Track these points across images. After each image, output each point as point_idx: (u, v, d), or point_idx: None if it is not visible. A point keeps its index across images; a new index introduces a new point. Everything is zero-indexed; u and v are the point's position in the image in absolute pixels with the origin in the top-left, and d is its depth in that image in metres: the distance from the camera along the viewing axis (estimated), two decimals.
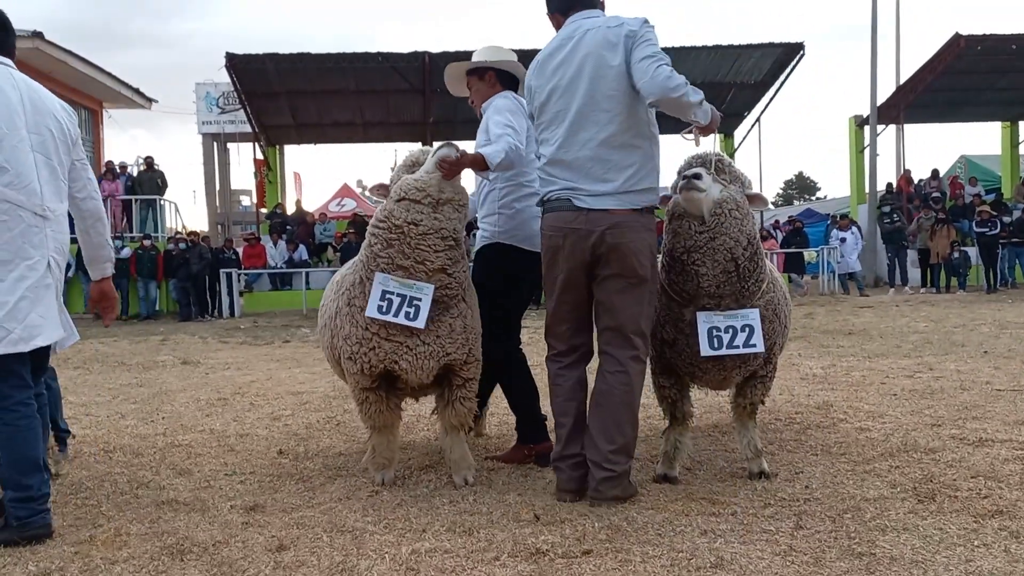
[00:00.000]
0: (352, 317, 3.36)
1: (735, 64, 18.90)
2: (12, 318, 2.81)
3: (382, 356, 3.30)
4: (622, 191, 3.17)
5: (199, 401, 5.99)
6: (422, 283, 3.24)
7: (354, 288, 3.39)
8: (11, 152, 2.84)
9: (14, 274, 2.82)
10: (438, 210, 3.26)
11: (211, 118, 29.93)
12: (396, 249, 3.25)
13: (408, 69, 18.09)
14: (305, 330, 13.00)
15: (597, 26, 3.19)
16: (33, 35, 16.03)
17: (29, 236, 2.87)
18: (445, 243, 3.27)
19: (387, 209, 3.30)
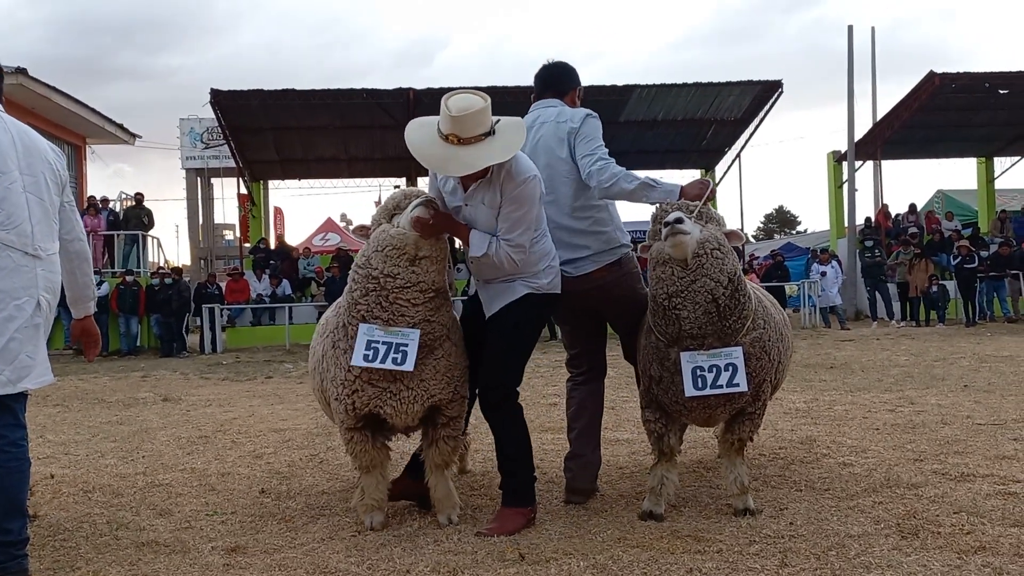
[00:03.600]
0: (337, 359, 3.35)
1: (715, 101, 19.21)
2: (2, 359, 2.79)
3: (366, 400, 3.29)
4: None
5: (180, 439, 5.92)
6: (408, 329, 3.22)
7: (338, 331, 3.38)
8: (3, 193, 2.85)
9: (3, 315, 2.81)
10: (416, 264, 3.22)
11: (195, 153, 30.06)
12: (374, 300, 3.23)
13: (393, 105, 18.23)
14: (288, 366, 12.91)
15: (550, 120, 3.66)
16: (16, 71, 16.01)
17: (18, 276, 2.86)
18: (425, 296, 3.24)
19: (366, 255, 3.29)
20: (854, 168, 20.27)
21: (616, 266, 3.71)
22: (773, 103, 19.00)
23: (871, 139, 20.88)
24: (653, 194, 3.50)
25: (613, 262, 3.70)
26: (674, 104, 19.08)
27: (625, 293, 3.75)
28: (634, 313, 3.72)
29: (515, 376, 3.49)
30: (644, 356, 3.50)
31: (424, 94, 18.01)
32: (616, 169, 3.50)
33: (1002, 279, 17.14)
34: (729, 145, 20.95)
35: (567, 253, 3.63)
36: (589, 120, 3.64)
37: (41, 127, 18.58)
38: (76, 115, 18.62)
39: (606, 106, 19.01)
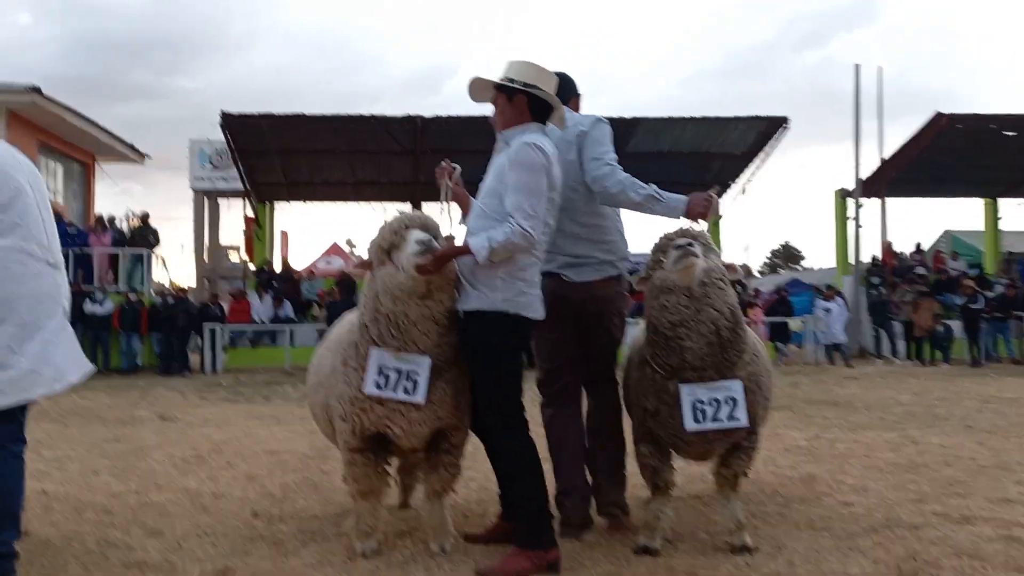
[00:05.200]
0: (346, 377, 3.31)
1: (721, 135, 19.31)
2: (43, 361, 2.87)
3: (375, 420, 3.25)
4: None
5: (174, 458, 5.88)
6: (418, 356, 3.18)
7: (349, 348, 3.34)
8: (23, 209, 2.91)
9: (36, 319, 2.88)
10: (427, 300, 3.18)
11: (203, 174, 30.14)
12: (384, 328, 3.20)
13: (400, 132, 18.37)
14: (288, 388, 12.84)
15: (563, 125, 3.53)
16: (31, 90, 16.19)
17: (45, 283, 2.94)
18: (437, 326, 3.20)
19: (373, 292, 3.23)
20: (860, 205, 20.29)
21: (616, 281, 3.70)
22: (779, 138, 19.10)
23: (878, 177, 20.92)
24: (659, 207, 3.42)
25: (615, 276, 3.68)
26: (680, 137, 19.19)
27: (616, 312, 3.74)
28: (612, 337, 3.77)
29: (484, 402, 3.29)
30: (638, 389, 3.46)
31: (432, 122, 18.16)
32: (623, 176, 3.44)
33: (1007, 320, 17.08)
34: (734, 179, 21.02)
35: (571, 258, 3.59)
36: (600, 124, 3.57)
37: (52, 144, 18.77)
38: (87, 133, 18.77)
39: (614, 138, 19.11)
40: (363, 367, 3.24)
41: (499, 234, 3.12)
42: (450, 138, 19.03)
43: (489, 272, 3.19)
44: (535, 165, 3.18)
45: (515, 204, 3.14)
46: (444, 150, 19.29)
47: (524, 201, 3.13)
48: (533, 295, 3.28)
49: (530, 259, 3.26)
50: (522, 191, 3.15)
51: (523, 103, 3.33)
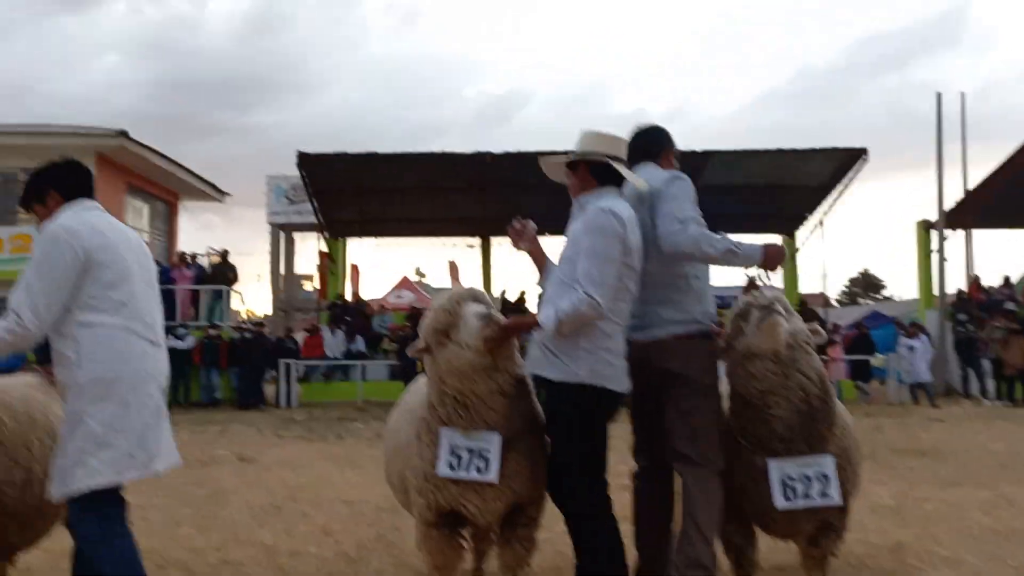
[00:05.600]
0: (421, 453, 3.30)
1: (796, 168, 18.91)
2: (140, 444, 2.94)
3: (449, 498, 3.23)
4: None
5: (253, 507, 5.98)
6: (488, 433, 3.16)
7: (422, 423, 3.35)
8: (131, 289, 3.01)
9: (136, 402, 2.95)
10: (493, 373, 3.14)
11: (280, 208, 31.12)
12: (451, 408, 3.17)
13: (470, 168, 18.58)
14: (359, 425, 13.02)
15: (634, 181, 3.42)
16: (119, 134, 17.02)
17: (146, 362, 3.01)
18: (505, 398, 3.17)
19: (437, 373, 3.20)
20: (944, 238, 19.56)
21: (687, 341, 3.35)
22: (857, 171, 18.60)
23: (962, 208, 20.17)
24: (736, 260, 3.29)
25: (684, 335, 3.35)
26: (754, 170, 18.88)
27: (690, 376, 3.32)
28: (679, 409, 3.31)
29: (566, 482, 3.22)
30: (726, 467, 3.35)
31: (501, 158, 18.31)
32: (695, 231, 3.24)
33: None
34: (811, 211, 20.52)
35: (638, 318, 3.38)
36: (675, 181, 3.39)
37: (139, 185, 19.63)
38: (171, 174, 19.61)
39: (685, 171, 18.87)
40: (435, 444, 3.23)
41: (566, 304, 3.09)
42: (518, 174, 19.15)
43: (571, 342, 3.16)
44: (607, 230, 3.16)
45: (584, 271, 3.12)
46: (512, 185, 19.55)
47: (593, 268, 3.11)
48: (618, 366, 3.23)
49: (612, 327, 3.21)
50: (593, 257, 3.13)
51: (585, 171, 3.38)
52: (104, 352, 2.91)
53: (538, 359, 3.28)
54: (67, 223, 2.99)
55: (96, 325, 2.92)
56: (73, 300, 2.92)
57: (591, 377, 3.15)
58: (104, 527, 2.92)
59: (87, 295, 2.92)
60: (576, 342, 3.15)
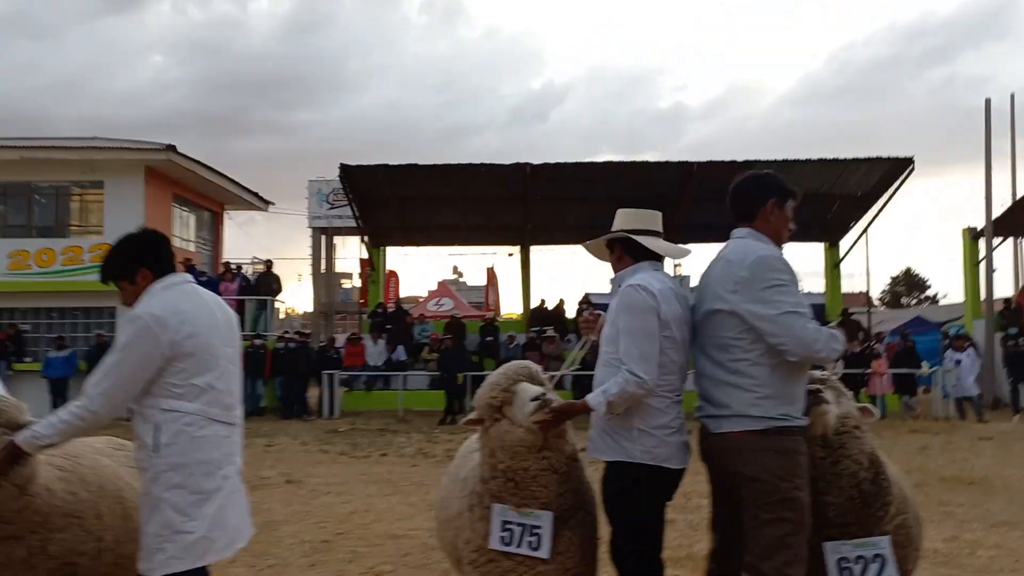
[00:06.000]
0: (473, 526, 3.35)
1: (840, 177, 18.66)
2: (217, 527, 3.01)
3: (501, 571, 3.26)
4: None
5: (303, 544, 6.10)
6: (540, 512, 3.20)
7: (473, 496, 3.39)
8: (218, 373, 3.07)
9: (214, 484, 3.02)
10: (544, 451, 3.17)
11: (321, 213, 31.60)
12: (503, 485, 3.21)
13: (511, 179, 18.65)
14: (401, 439, 13.20)
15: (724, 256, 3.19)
16: (166, 148, 17.40)
17: (223, 446, 3.07)
18: (557, 475, 3.20)
19: (489, 449, 3.23)
20: (992, 247, 19.15)
21: (759, 437, 3.03)
22: (903, 180, 18.29)
23: (1012, 215, 19.72)
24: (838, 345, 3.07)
25: (757, 431, 3.03)
26: (797, 179, 18.43)
27: (761, 475, 2.99)
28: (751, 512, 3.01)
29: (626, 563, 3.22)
30: None
31: (540, 168, 18.34)
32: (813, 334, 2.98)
33: None
34: (855, 220, 20.22)
35: (710, 407, 3.17)
36: (760, 263, 3.04)
37: (185, 196, 20.03)
38: (216, 184, 19.96)
39: (724, 180, 18.70)
40: (487, 518, 3.28)
41: (614, 385, 3.10)
42: (558, 185, 19.20)
43: (625, 422, 3.18)
44: (639, 306, 3.16)
45: (625, 350, 3.13)
46: (552, 196, 19.57)
47: (633, 345, 3.11)
48: (673, 443, 3.19)
49: (663, 402, 3.20)
50: (631, 335, 3.13)
51: (619, 249, 3.45)
52: (182, 440, 2.98)
53: (595, 441, 3.32)
54: (156, 311, 3.01)
55: (176, 412, 2.99)
56: (155, 386, 2.99)
57: (645, 456, 3.16)
58: None
59: (170, 383, 2.99)
60: (630, 422, 3.18)
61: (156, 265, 3.15)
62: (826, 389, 3.22)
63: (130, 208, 17.51)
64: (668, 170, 18.65)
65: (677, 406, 3.26)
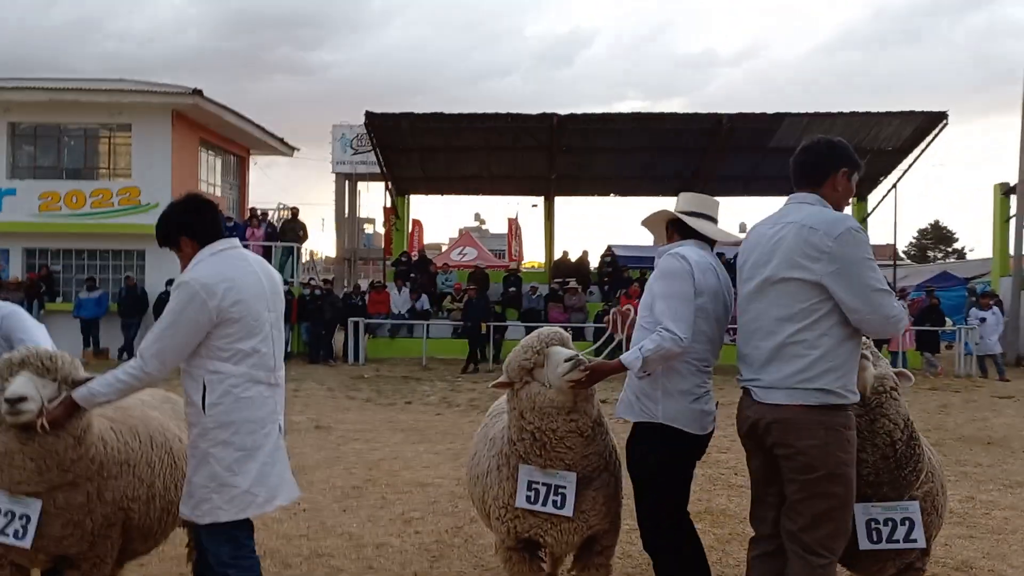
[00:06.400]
0: (501, 484, 3.50)
1: (873, 130, 18.37)
2: (259, 483, 3.16)
3: (527, 528, 3.43)
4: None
5: (335, 489, 6.33)
6: (565, 472, 3.33)
7: (502, 457, 3.54)
8: (262, 336, 3.20)
9: (257, 442, 3.17)
10: (572, 413, 3.28)
11: (344, 158, 31.62)
12: (530, 446, 3.32)
13: (537, 129, 18.54)
14: (425, 387, 13.45)
15: (796, 221, 3.02)
16: (193, 92, 17.41)
17: (266, 406, 3.21)
18: (582, 438, 3.32)
19: (520, 410, 3.33)
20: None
21: (813, 411, 2.93)
22: (936, 135, 17.98)
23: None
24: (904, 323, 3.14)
25: (811, 405, 2.93)
26: (828, 132, 18.33)
27: (809, 449, 2.92)
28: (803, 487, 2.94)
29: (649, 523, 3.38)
30: None
31: (567, 119, 18.20)
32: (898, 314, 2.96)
33: None
34: (885, 174, 19.94)
35: (761, 376, 3.05)
36: (850, 236, 2.92)
37: (213, 141, 20.10)
38: (242, 130, 20.00)
39: (755, 134, 18.59)
40: (514, 477, 3.42)
41: (649, 343, 3.18)
42: (585, 135, 19.06)
43: (652, 386, 3.30)
44: (676, 272, 3.27)
45: (661, 310, 3.23)
46: (578, 148, 19.45)
47: (668, 307, 3.22)
48: (695, 409, 3.30)
49: (689, 369, 3.31)
50: (667, 297, 3.24)
51: (672, 230, 3.60)
52: (227, 400, 3.13)
53: (623, 403, 3.45)
54: (204, 278, 3.13)
55: (222, 373, 3.14)
56: (203, 348, 3.14)
57: (668, 419, 3.27)
58: (234, 550, 3.19)
59: (216, 346, 3.13)
60: (655, 385, 3.30)
61: (198, 232, 3.26)
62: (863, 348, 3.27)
63: (158, 151, 17.64)
64: (697, 121, 18.45)
65: (702, 375, 3.35)
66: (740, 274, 3.23)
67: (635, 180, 20.74)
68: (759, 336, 3.07)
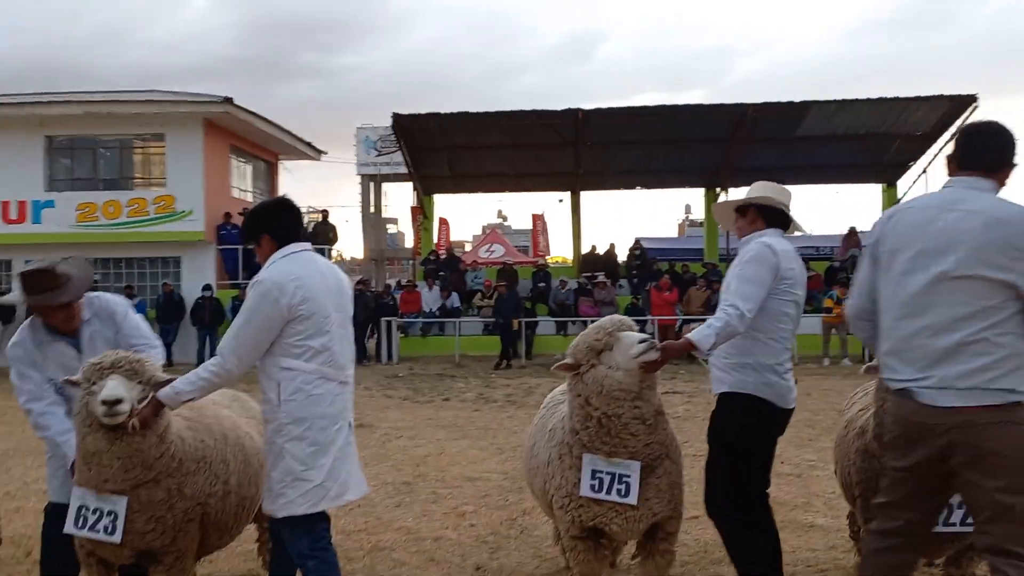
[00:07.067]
0: (563, 473, 3.57)
1: (901, 116, 18.23)
2: (331, 477, 3.29)
3: (592, 516, 3.50)
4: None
5: (386, 485, 6.45)
6: (629, 461, 3.40)
7: (563, 447, 3.61)
8: (328, 335, 3.31)
9: (329, 438, 3.30)
10: (637, 400, 3.36)
11: (369, 160, 31.90)
12: (595, 433, 3.39)
13: (563, 125, 18.60)
14: (460, 384, 13.58)
15: (982, 211, 2.75)
16: (224, 100, 17.66)
17: (337, 403, 3.34)
18: (645, 426, 3.38)
19: (584, 396, 3.39)
20: None
21: (1002, 410, 2.68)
22: (967, 119, 17.77)
23: None
24: None
25: (998, 405, 2.68)
26: (855, 120, 18.31)
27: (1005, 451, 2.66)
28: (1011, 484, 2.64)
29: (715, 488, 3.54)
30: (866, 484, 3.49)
31: (593, 114, 18.25)
32: None
33: None
34: (914, 160, 19.76)
35: (927, 371, 2.76)
36: None
37: (241, 147, 20.37)
38: (271, 136, 20.26)
39: (780, 124, 18.52)
40: (577, 466, 3.50)
41: (717, 320, 3.35)
42: (610, 129, 19.09)
43: (739, 361, 3.49)
44: (760, 259, 3.46)
45: (734, 289, 3.43)
46: (605, 142, 19.48)
47: (741, 286, 3.41)
48: (782, 385, 3.51)
49: (776, 347, 3.51)
50: (743, 279, 3.45)
51: (755, 213, 3.70)
52: (300, 397, 3.26)
53: (715, 379, 3.62)
54: (277, 277, 3.28)
55: (295, 370, 3.27)
56: (276, 346, 3.28)
57: (756, 389, 3.46)
58: (312, 542, 3.32)
59: (289, 344, 3.26)
60: (744, 358, 3.48)
61: (278, 232, 3.40)
62: None
63: (190, 160, 17.91)
64: (722, 112, 18.41)
65: (787, 352, 3.57)
66: (888, 259, 2.90)
67: (661, 173, 20.72)
68: (927, 334, 2.77)
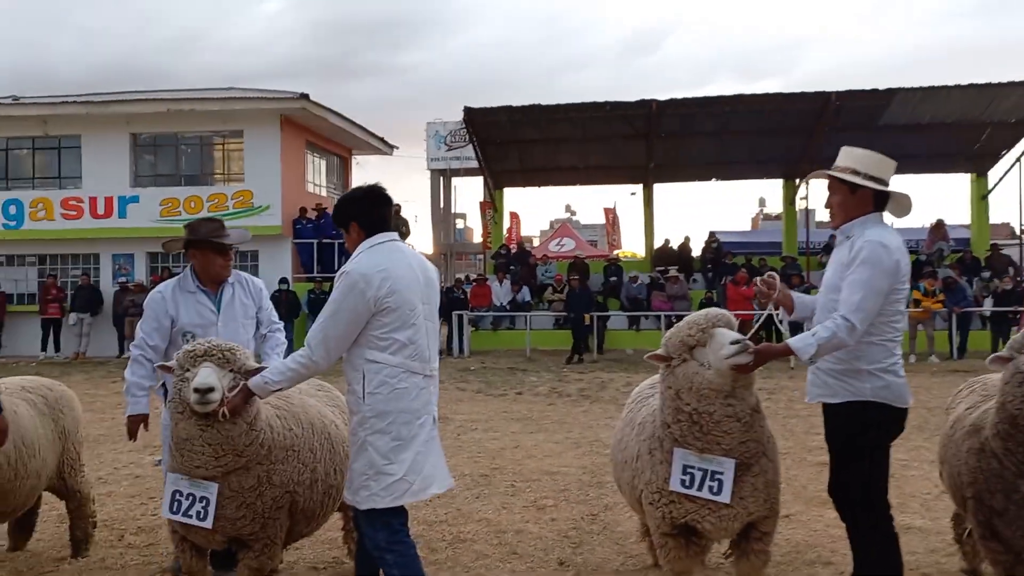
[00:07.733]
0: (654, 468, 3.46)
1: (992, 102, 17.38)
2: (413, 471, 3.25)
3: (683, 512, 3.39)
4: None
5: (465, 477, 6.42)
6: (722, 458, 3.27)
7: (654, 440, 3.50)
8: (414, 328, 3.27)
9: (412, 432, 3.26)
10: (730, 398, 3.22)
11: (439, 155, 32.16)
12: (687, 428, 3.27)
13: (635, 116, 18.34)
14: (532, 378, 13.53)
15: None
16: (300, 97, 17.99)
17: (421, 397, 3.29)
18: (740, 424, 3.25)
19: (675, 389, 3.30)
20: None
21: None
22: None
23: None
24: None
25: None
26: (942, 107, 17.53)
27: None
28: None
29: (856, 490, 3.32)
30: (980, 484, 3.29)
31: (666, 105, 17.94)
32: None
33: None
34: (1007, 148, 18.83)
35: None
36: None
37: (316, 143, 20.72)
38: (345, 131, 20.54)
39: (863, 111, 17.87)
40: (668, 461, 3.38)
41: (824, 331, 3.15)
42: (684, 120, 18.74)
43: (851, 365, 3.26)
44: (884, 267, 3.20)
45: (847, 297, 3.19)
46: (679, 133, 19.14)
47: (856, 295, 3.16)
48: (900, 383, 3.30)
49: (891, 346, 3.29)
50: (859, 287, 3.18)
51: (868, 196, 3.35)
52: (384, 391, 3.23)
53: (817, 386, 3.39)
54: (364, 268, 3.23)
55: (380, 363, 3.23)
56: (362, 337, 3.24)
57: (875, 395, 3.24)
58: (390, 536, 3.29)
59: (374, 336, 3.23)
60: (857, 364, 3.25)
61: (366, 220, 3.36)
62: None
63: (267, 156, 18.28)
64: (802, 101, 17.86)
65: (899, 347, 3.36)
66: None
67: (737, 164, 20.22)
68: None
